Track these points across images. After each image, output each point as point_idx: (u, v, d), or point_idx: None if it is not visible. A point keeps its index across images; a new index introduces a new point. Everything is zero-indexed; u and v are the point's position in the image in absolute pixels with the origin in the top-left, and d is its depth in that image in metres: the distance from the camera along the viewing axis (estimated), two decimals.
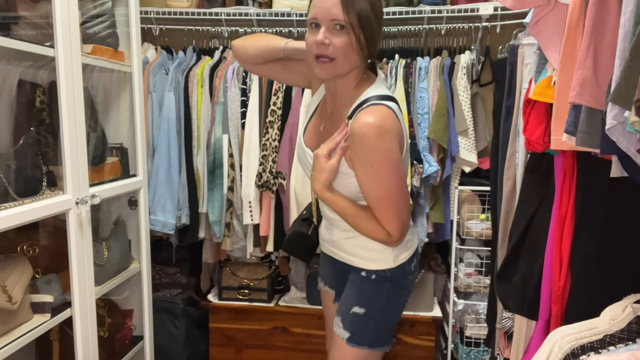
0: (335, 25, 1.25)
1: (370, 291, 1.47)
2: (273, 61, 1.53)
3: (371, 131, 1.25)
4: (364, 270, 1.47)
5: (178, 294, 2.53)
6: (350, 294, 1.50)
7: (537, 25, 1.34)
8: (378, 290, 1.47)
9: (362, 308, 1.46)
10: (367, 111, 1.28)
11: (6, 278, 1.45)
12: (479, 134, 2.43)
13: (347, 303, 1.49)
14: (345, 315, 1.48)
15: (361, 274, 1.48)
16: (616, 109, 0.86)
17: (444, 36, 2.46)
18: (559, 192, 1.31)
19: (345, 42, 1.26)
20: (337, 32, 1.26)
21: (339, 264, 1.54)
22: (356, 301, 1.47)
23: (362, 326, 1.47)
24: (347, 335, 1.46)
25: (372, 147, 1.26)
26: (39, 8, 1.58)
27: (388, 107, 1.29)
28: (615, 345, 0.97)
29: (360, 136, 1.26)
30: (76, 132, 1.57)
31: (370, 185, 1.31)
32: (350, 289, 1.51)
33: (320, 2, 1.26)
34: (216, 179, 2.35)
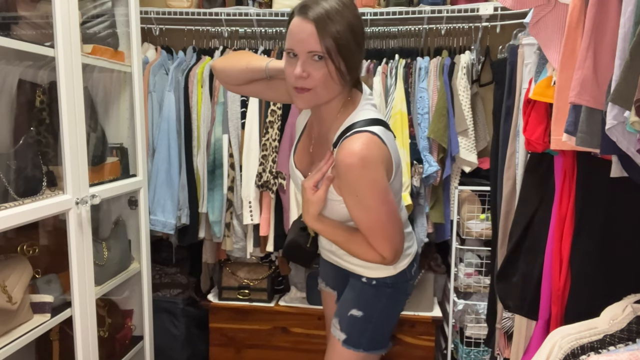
0: (313, 56, 1.20)
1: (370, 295, 1.47)
2: (256, 81, 1.45)
3: (355, 162, 1.21)
4: (364, 277, 1.48)
5: (178, 294, 2.53)
6: (349, 297, 1.50)
7: (537, 25, 1.34)
8: (378, 295, 1.47)
9: (361, 311, 1.46)
10: (351, 140, 1.23)
11: (6, 278, 1.45)
12: (479, 134, 2.43)
13: (346, 305, 1.49)
14: (343, 317, 1.48)
15: (362, 279, 1.48)
16: (616, 109, 0.86)
17: (444, 36, 2.46)
18: (559, 192, 1.31)
19: (324, 73, 1.20)
20: (315, 63, 1.20)
21: (340, 268, 1.55)
22: (355, 304, 1.47)
23: (360, 329, 1.47)
24: (344, 337, 1.47)
25: (357, 178, 1.22)
26: (39, 8, 1.58)
27: (372, 133, 1.24)
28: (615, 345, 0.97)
29: (345, 167, 1.22)
30: (76, 132, 1.57)
31: (358, 214, 1.28)
32: (350, 292, 1.51)
33: (296, 32, 1.20)
34: (216, 179, 2.35)
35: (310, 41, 1.18)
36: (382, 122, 1.30)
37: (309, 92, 1.23)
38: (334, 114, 1.33)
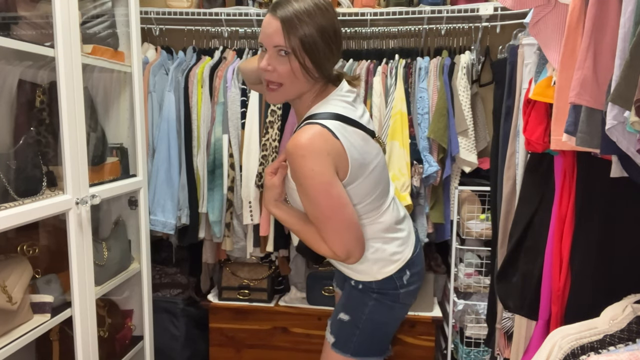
0: (280, 51, 1.25)
1: (356, 299, 1.47)
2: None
3: (296, 151, 1.24)
4: (352, 279, 1.48)
5: (178, 294, 2.53)
6: (341, 300, 1.53)
7: (537, 25, 1.34)
8: (363, 299, 1.45)
9: (348, 315, 1.46)
10: (300, 130, 1.27)
11: (6, 278, 1.45)
12: (479, 134, 2.43)
13: (337, 308, 1.51)
14: (333, 320, 1.49)
15: (351, 282, 1.49)
16: (616, 109, 0.86)
17: (444, 36, 2.46)
18: (559, 192, 1.31)
19: (288, 69, 1.26)
20: (281, 58, 1.26)
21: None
22: (343, 308, 1.48)
23: (347, 333, 1.46)
24: (333, 340, 1.47)
25: (298, 166, 1.25)
26: (39, 8, 1.58)
27: (323, 125, 1.25)
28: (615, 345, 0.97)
29: (288, 155, 1.27)
30: (76, 132, 1.57)
31: (304, 203, 1.30)
32: (343, 295, 1.54)
33: (265, 27, 1.27)
34: (216, 179, 2.35)
35: (275, 36, 1.24)
36: (343, 117, 1.30)
37: (279, 87, 1.30)
38: (305, 108, 1.36)
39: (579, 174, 1.26)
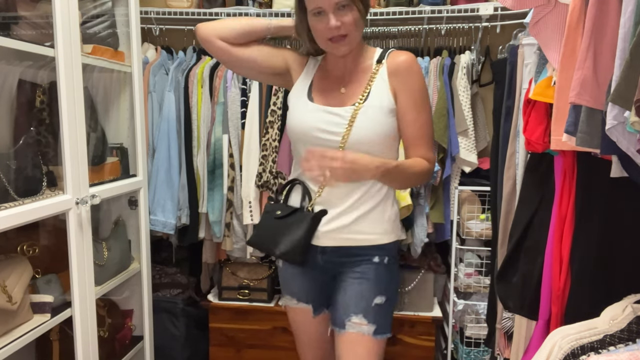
0: (339, 7, 1.35)
1: (387, 277, 1.50)
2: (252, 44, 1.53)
3: (414, 61, 1.45)
4: (375, 255, 1.48)
5: (178, 294, 2.53)
6: (366, 287, 1.48)
7: (537, 25, 1.34)
8: (392, 272, 1.52)
9: (383, 296, 1.48)
10: (398, 52, 1.47)
11: (6, 278, 1.45)
12: (479, 134, 2.43)
13: (366, 297, 1.47)
14: (367, 310, 1.46)
15: (373, 260, 1.48)
16: (616, 109, 0.86)
17: (444, 36, 2.46)
18: (559, 192, 1.31)
19: (351, 18, 1.37)
20: (342, 11, 1.36)
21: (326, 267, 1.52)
22: (377, 291, 1.48)
23: (385, 314, 1.50)
24: (374, 328, 1.46)
25: (418, 73, 1.45)
26: (39, 8, 1.59)
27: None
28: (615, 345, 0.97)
29: (407, 66, 1.43)
30: (76, 132, 1.58)
31: (417, 112, 1.43)
32: (364, 283, 1.48)
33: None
34: (216, 179, 2.35)
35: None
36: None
37: (345, 39, 1.40)
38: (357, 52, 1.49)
39: (579, 174, 1.26)
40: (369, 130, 1.42)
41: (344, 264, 1.51)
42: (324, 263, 1.53)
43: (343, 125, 1.42)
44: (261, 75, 1.63)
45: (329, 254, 1.51)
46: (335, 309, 1.53)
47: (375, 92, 1.44)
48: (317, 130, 1.45)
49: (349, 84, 1.49)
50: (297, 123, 1.49)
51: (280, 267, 1.65)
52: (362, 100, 1.43)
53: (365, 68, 1.48)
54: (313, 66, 1.56)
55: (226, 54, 1.53)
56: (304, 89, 1.52)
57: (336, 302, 1.53)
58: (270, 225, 1.54)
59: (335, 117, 1.44)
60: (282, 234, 1.50)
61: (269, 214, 1.56)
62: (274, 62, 1.55)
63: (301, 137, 1.48)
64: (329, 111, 1.45)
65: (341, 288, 1.52)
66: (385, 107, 1.43)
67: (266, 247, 1.55)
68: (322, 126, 1.44)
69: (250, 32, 1.51)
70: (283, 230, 1.50)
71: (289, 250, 1.48)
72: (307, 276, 1.56)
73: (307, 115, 1.47)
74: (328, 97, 1.49)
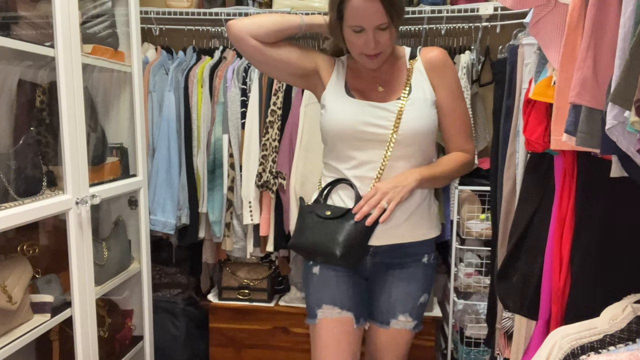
0: (380, 28, 1.37)
1: (431, 276, 1.59)
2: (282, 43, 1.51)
3: (446, 55, 1.52)
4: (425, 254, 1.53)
5: (178, 294, 2.53)
6: (414, 289, 1.53)
7: (537, 25, 1.34)
8: (433, 272, 1.59)
9: (427, 294, 1.56)
10: (429, 48, 1.54)
11: (6, 278, 1.45)
12: (479, 134, 2.43)
13: (413, 297, 1.53)
14: (413, 308, 1.54)
15: (422, 260, 1.53)
16: (616, 109, 0.86)
17: (444, 36, 2.46)
18: (559, 192, 1.31)
19: (387, 38, 1.40)
20: (381, 32, 1.38)
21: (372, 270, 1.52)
22: (423, 290, 1.54)
23: (425, 307, 1.59)
24: (415, 323, 1.55)
25: (452, 66, 1.52)
26: (39, 8, 1.58)
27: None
28: (615, 345, 0.97)
29: (442, 60, 1.50)
30: (76, 132, 1.57)
31: (456, 104, 1.49)
32: (412, 284, 1.53)
33: (363, 10, 1.34)
34: (216, 179, 2.35)
35: (377, 17, 1.35)
36: None
37: (379, 56, 1.43)
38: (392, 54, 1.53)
39: (579, 174, 1.26)
40: (417, 122, 1.44)
41: (393, 266, 1.52)
42: (372, 266, 1.52)
43: (391, 118, 1.43)
44: (290, 76, 1.58)
45: (381, 255, 1.50)
46: (377, 306, 1.56)
47: (416, 86, 1.47)
48: (365, 125, 1.44)
49: (385, 82, 1.51)
50: (341, 119, 1.46)
51: (315, 274, 1.52)
52: (407, 94, 1.46)
53: (399, 66, 1.52)
54: (342, 67, 1.55)
55: (260, 54, 1.48)
56: (340, 87, 1.52)
57: (379, 300, 1.55)
58: (320, 225, 1.44)
59: (382, 111, 1.44)
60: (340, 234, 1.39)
61: (313, 214, 1.47)
62: (304, 63, 1.53)
63: (345, 133, 1.45)
64: (375, 106, 1.46)
65: (386, 287, 1.54)
66: (429, 99, 1.47)
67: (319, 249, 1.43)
68: (370, 120, 1.44)
69: (283, 30, 1.48)
70: (340, 229, 1.40)
71: (350, 251, 1.39)
72: (351, 281, 1.51)
73: (352, 110, 1.46)
74: (368, 95, 1.50)
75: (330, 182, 1.52)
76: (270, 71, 1.61)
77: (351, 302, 1.50)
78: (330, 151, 1.53)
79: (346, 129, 1.45)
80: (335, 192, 1.52)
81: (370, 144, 1.45)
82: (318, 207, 1.48)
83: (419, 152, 1.48)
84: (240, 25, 1.46)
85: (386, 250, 1.50)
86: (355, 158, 1.47)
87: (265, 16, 1.51)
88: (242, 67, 2.33)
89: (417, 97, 1.46)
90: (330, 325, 1.50)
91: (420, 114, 1.45)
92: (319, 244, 1.42)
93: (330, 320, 1.49)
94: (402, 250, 1.51)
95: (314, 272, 1.53)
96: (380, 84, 1.51)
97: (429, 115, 1.47)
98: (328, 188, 1.52)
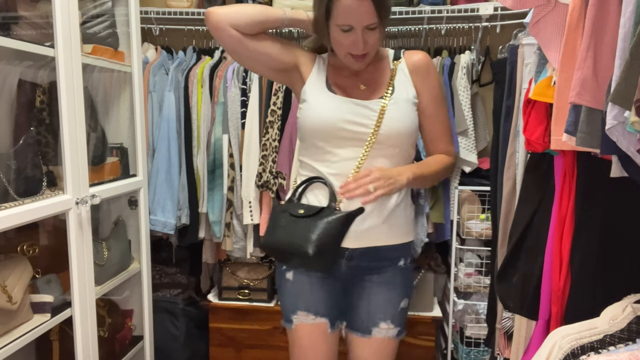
0: (369, 28, 1.35)
1: (410, 279, 1.56)
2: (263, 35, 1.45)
3: (430, 59, 1.51)
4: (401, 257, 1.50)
5: (178, 294, 2.53)
6: (394, 294, 1.49)
7: (537, 25, 1.34)
8: (412, 274, 1.57)
9: (407, 298, 1.53)
10: (413, 51, 1.53)
11: (6, 278, 1.45)
12: (479, 134, 2.43)
13: (393, 303, 1.49)
14: (395, 315, 1.50)
15: (399, 264, 1.50)
16: (616, 109, 0.86)
17: (444, 36, 2.46)
18: (559, 192, 1.31)
19: (375, 39, 1.38)
20: (370, 32, 1.36)
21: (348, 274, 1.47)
22: (403, 295, 1.51)
23: (406, 316, 1.54)
24: (398, 330, 1.51)
25: (435, 70, 1.51)
26: (39, 8, 1.58)
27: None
28: (615, 345, 0.97)
29: (426, 64, 1.49)
30: (76, 132, 1.57)
31: (438, 108, 1.49)
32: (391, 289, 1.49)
33: (353, 9, 1.32)
34: (216, 179, 2.35)
35: (367, 16, 1.33)
36: None
37: (365, 57, 1.40)
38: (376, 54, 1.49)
39: (579, 174, 1.26)
40: (400, 122, 1.42)
41: (369, 270, 1.47)
42: (347, 270, 1.46)
43: (373, 116, 1.40)
44: (270, 70, 1.52)
45: (357, 259, 1.45)
46: (357, 315, 1.50)
47: (400, 86, 1.46)
48: (345, 122, 1.40)
49: (368, 81, 1.48)
50: (321, 115, 1.41)
51: (289, 279, 1.50)
52: (390, 93, 1.44)
53: (382, 66, 1.50)
54: (323, 63, 1.52)
55: (239, 45, 1.42)
56: (321, 82, 1.47)
57: (358, 308, 1.50)
58: (293, 224, 1.40)
59: (364, 109, 1.41)
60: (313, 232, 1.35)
61: (286, 212, 1.43)
62: (285, 57, 1.49)
63: (324, 130, 1.41)
64: (357, 103, 1.42)
65: (365, 294, 1.49)
66: (411, 100, 1.46)
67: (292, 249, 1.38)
68: (351, 117, 1.40)
69: (265, 21, 1.43)
70: (313, 228, 1.35)
71: (322, 250, 1.34)
72: (325, 286, 1.48)
73: (333, 106, 1.42)
74: (350, 92, 1.46)
75: (305, 180, 1.47)
76: (251, 64, 1.55)
77: (326, 308, 1.49)
78: (306, 148, 1.48)
79: (326, 125, 1.41)
80: (311, 190, 1.47)
81: (349, 142, 1.41)
82: (291, 206, 1.45)
83: (399, 153, 1.45)
84: (220, 13, 1.39)
85: (362, 254, 1.44)
86: (333, 156, 1.42)
87: (247, 5, 1.45)
88: (242, 67, 2.33)
89: (400, 97, 1.44)
90: (307, 331, 1.50)
91: (403, 114, 1.43)
92: (292, 244, 1.38)
93: (306, 325, 1.49)
94: (377, 253, 1.46)
95: (288, 277, 1.50)
96: (363, 82, 1.48)
97: (411, 116, 1.45)
98: (303, 187, 1.48)
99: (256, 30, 1.43)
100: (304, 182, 1.48)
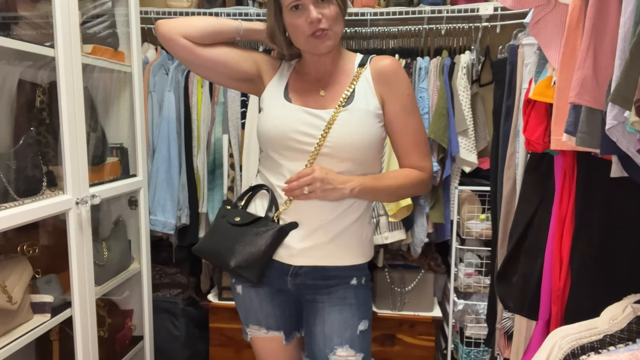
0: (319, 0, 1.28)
1: (366, 298, 1.41)
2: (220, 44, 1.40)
3: (399, 65, 1.37)
4: (353, 277, 1.38)
5: (178, 294, 2.53)
6: (348, 314, 1.37)
7: (537, 25, 1.34)
8: (369, 293, 1.44)
9: (366, 319, 1.39)
10: (381, 56, 1.39)
11: (6, 278, 1.45)
12: (479, 134, 2.43)
13: (350, 325, 1.36)
14: (353, 340, 1.35)
15: (351, 282, 1.37)
16: (616, 109, 0.86)
17: (444, 36, 2.46)
18: (559, 192, 1.31)
19: (333, 11, 1.29)
20: (322, 4, 1.28)
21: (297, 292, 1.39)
22: (359, 317, 1.37)
23: (368, 339, 1.40)
24: (360, 357, 1.36)
25: (404, 77, 1.37)
26: (39, 8, 1.59)
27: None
28: (615, 345, 0.97)
29: (393, 70, 1.36)
30: (76, 132, 1.58)
31: (408, 119, 1.36)
32: (345, 309, 1.37)
33: None
34: (216, 179, 2.35)
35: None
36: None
37: (327, 33, 1.29)
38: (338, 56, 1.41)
39: (579, 174, 1.26)
40: (351, 133, 1.30)
41: (318, 288, 1.37)
42: (295, 287, 1.38)
43: (321, 127, 1.30)
44: (229, 80, 1.46)
45: (303, 276, 1.36)
46: (313, 340, 1.39)
47: (359, 95, 1.34)
48: (294, 132, 1.32)
49: (328, 87, 1.38)
50: (273, 124, 1.35)
51: (239, 293, 1.46)
52: (345, 102, 1.33)
53: (345, 71, 1.39)
54: (287, 69, 1.44)
55: (189, 54, 1.37)
56: (280, 89, 1.41)
57: (313, 332, 1.39)
58: (225, 232, 1.37)
59: (314, 119, 1.32)
60: (240, 243, 1.33)
61: (225, 219, 1.39)
62: (243, 66, 1.42)
63: (274, 139, 1.34)
64: (309, 112, 1.33)
65: (318, 317, 1.38)
66: (371, 111, 1.33)
67: (218, 257, 1.36)
68: (300, 127, 1.32)
69: (218, 32, 1.38)
70: (242, 238, 1.33)
71: (246, 263, 1.31)
72: (275, 301, 1.43)
73: (285, 116, 1.35)
74: (307, 99, 1.37)
75: (252, 187, 1.43)
76: (207, 74, 1.48)
77: (277, 323, 1.45)
78: (264, 157, 1.44)
79: (276, 135, 1.34)
80: (260, 197, 1.42)
81: (297, 154, 1.32)
82: (231, 212, 1.40)
83: (355, 168, 1.33)
84: (170, 24, 1.36)
85: (308, 272, 1.35)
86: (283, 168, 1.35)
87: (199, 17, 1.41)
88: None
89: (357, 107, 1.32)
90: (260, 344, 1.49)
91: (356, 125, 1.31)
92: (218, 252, 1.35)
93: (259, 339, 1.48)
94: (324, 272, 1.36)
95: (238, 291, 1.47)
96: (323, 87, 1.38)
97: (368, 126, 1.32)
98: (250, 193, 1.43)
99: (209, 41, 1.38)
100: (250, 190, 1.44)
